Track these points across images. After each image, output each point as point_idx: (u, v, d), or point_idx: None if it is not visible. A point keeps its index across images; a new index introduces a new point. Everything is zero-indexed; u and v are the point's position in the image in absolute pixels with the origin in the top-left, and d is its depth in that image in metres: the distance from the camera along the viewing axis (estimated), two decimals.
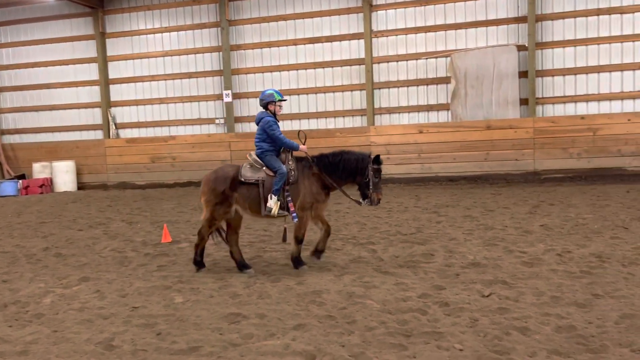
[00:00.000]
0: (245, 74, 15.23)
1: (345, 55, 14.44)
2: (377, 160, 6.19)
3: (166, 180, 15.64)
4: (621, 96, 12.68)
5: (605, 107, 12.81)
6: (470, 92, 13.26)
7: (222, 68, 15.26)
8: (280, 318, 4.67)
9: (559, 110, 13.08)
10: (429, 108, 13.93)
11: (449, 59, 13.40)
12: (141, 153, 15.86)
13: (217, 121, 15.58)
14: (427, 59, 13.73)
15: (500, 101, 13.15)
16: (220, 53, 15.25)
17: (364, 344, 4.06)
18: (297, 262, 6.21)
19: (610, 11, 12.51)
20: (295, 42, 14.73)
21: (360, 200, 6.27)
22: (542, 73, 13.05)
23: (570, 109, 13.02)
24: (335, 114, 14.67)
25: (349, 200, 6.49)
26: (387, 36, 14.03)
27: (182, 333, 4.43)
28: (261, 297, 5.27)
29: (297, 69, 14.82)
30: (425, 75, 13.87)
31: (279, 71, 14.93)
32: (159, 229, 8.87)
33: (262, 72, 15.09)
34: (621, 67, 12.61)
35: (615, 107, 12.74)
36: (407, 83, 14.00)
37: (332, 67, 14.58)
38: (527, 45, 12.86)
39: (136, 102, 16.20)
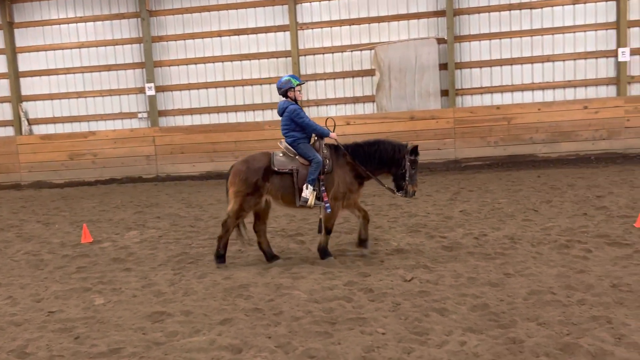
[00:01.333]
0: (169, 66, 14.78)
1: (271, 47, 14.37)
2: (415, 151, 6.03)
3: (87, 178, 14.92)
4: (532, 87, 13.48)
5: (518, 97, 13.58)
6: (394, 84, 13.61)
7: (143, 60, 14.72)
8: (206, 314, 4.62)
9: (476, 100, 13.72)
10: (355, 100, 14.16)
11: (373, 51, 13.68)
12: (58, 150, 15.00)
13: (139, 115, 15.02)
14: (352, 51, 13.93)
15: (422, 92, 13.60)
16: (141, 44, 14.70)
17: (290, 334, 4.10)
18: (324, 252, 6.09)
19: (520, 6, 13.25)
20: (220, 34, 14.47)
21: (395, 190, 6.13)
22: (461, 65, 13.62)
23: (487, 100, 13.70)
24: (263, 107, 14.57)
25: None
26: (312, 28, 14.09)
27: (103, 335, 4.28)
28: (187, 294, 5.18)
29: (222, 61, 14.56)
30: (350, 68, 14.08)
31: (204, 63, 14.62)
32: (79, 229, 8.47)
33: (187, 64, 14.70)
34: (531, 60, 13.40)
35: (527, 97, 13.54)
36: (334, 75, 14.15)
37: (259, 59, 14.46)
38: (446, 38, 13.36)
39: (50, 97, 15.29)
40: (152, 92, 14.65)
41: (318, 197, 5.87)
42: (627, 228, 6.67)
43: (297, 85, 6.12)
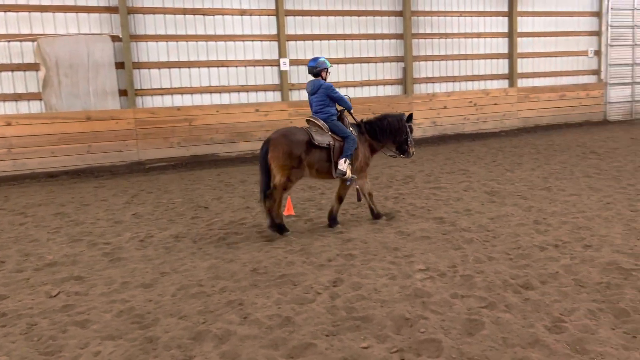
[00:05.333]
0: None
1: None
2: (410, 118, 7.09)
3: None
4: (210, 90, 14.17)
5: (197, 99, 14.09)
6: (65, 81, 12.45)
7: None
8: None
9: (157, 101, 13.67)
10: (17, 97, 12.41)
11: (35, 43, 12.20)
12: None
13: None
14: (8, 41, 12.14)
15: (98, 91, 12.81)
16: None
17: None
18: (334, 220, 6.79)
19: (194, 12, 13.74)
20: None
21: (399, 154, 7.11)
22: (139, 65, 13.35)
23: (167, 101, 13.78)
24: None
25: None
26: None
27: None
28: None
29: None
30: (9, 60, 12.27)
31: None
32: None
33: None
34: (208, 64, 14.07)
35: (206, 99, 14.17)
36: None
37: None
38: (121, 36, 12.89)
39: None
40: None
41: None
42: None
43: (330, 66, 6.81)
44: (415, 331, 3.79)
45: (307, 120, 6.77)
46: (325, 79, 6.76)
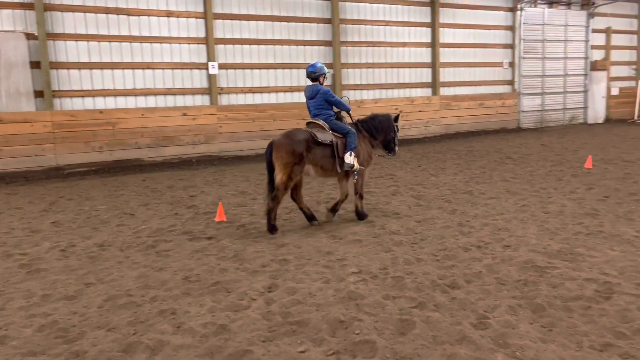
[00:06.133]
0: None
1: None
2: (397, 118, 7.65)
3: None
4: (135, 92, 13.68)
5: (121, 102, 13.55)
6: None
7: None
8: None
9: (77, 104, 13.01)
10: None
11: None
12: None
13: None
14: None
15: (11, 92, 12.00)
16: None
17: None
18: (361, 214, 7.23)
19: (118, 11, 13.22)
20: None
21: (387, 153, 7.61)
22: (57, 65, 12.64)
23: (89, 103, 13.15)
24: None
25: None
26: None
27: None
28: None
29: None
30: None
31: None
32: None
33: None
34: (132, 66, 13.58)
35: (130, 102, 13.67)
36: None
37: None
38: (37, 34, 12.16)
39: None
40: None
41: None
42: (208, 223, 7.46)
43: (327, 72, 7.18)
44: (350, 333, 3.87)
45: (308, 123, 7.13)
46: (322, 84, 7.16)
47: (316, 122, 7.00)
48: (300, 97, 15.98)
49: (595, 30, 22.25)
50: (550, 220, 6.93)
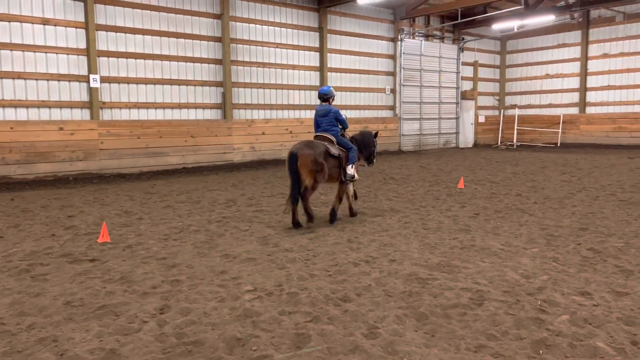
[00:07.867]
0: None
1: None
2: (377, 135, 9.04)
3: None
4: (3, 104, 12.53)
5: None
6: None
7: None
8: None
9: None
10: None
11: None
12: None
13: None
14: None
15: None
16: None
17: None
18: (336, 216, 8.26)
19: None
20: None
21: (367, 164, 8.99)
22: None
23: None
24: None
25: None
26: None
27: None
28: None
29: None
30: None
31: None
32: None
33: None
34: (1, 75, 12.45)
35: None
36: None
37: None
38: None
39: None
40: None
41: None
42: (90, 244, 7.01)
43: (335, 94, 8.51)
44: (247, 350, 3.88)
45: (316, 136, 8.27)
46: (331, 104, 8.35)
47: (326, 136, 8.18)
48: (189, 114, 15.70)
49: (464, 63, 24.60)
50: (429, 236, 7.48)
